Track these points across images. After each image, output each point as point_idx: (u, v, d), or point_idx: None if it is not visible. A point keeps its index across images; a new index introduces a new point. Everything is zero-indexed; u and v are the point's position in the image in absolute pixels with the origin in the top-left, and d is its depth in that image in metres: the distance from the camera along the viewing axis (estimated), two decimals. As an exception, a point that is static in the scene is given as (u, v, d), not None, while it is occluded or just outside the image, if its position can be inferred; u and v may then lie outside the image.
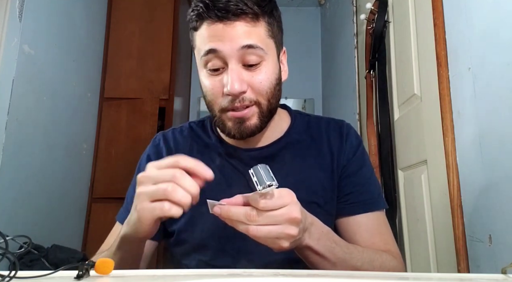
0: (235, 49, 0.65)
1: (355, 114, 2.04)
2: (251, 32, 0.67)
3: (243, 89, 0.66)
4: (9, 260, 0.39)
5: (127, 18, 2.58)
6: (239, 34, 0.66)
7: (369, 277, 0.52)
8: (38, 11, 1.80)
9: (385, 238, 0.75)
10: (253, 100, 0.68)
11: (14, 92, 1.62)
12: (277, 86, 0.72)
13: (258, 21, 0.68)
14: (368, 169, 0.79)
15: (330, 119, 0.84)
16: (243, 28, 0.66)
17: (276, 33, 0.72)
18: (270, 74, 0.69)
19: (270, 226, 0.52)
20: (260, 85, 0.68)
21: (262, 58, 0.68)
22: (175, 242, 0.78)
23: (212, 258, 0.74)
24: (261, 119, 0.70)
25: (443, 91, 1.06)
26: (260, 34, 0.68)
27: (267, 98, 0.70)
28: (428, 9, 1.17)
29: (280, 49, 0.75)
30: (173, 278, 0.48)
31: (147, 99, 2.47)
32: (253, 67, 0.68)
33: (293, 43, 3.30)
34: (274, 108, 0.73)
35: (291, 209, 0.52)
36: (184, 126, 0.86)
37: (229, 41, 0.66)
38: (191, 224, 0.76)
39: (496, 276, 0.49)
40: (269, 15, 0.70)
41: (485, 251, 0.88)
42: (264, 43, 0.68)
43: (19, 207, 1.67)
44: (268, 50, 0.69)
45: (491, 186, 0.86)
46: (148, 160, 0.81)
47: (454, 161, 1.01)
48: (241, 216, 0.52)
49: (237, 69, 0.66)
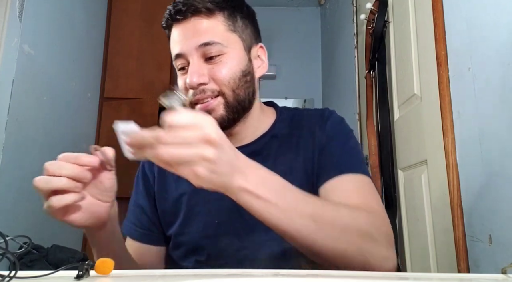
0: (193, 48, 0.70)
1: (355, 114, 2.04)
2: (207, 28, 0.71)
3: (200, 80, 0.70)
4: (9, 260, 0.39)
5: (127, 18, 2.58)
6: (196, 32, 0.71)
7: (369, 277, 0.52)
8: (38, 11, 1.80)
9: (364, 199, 0.67)
10: (216, 91, 0.71)
11: (14, 92, 1.62)
12: (243, 78, 0.73)
13: (214, 16, 0.72)
14: (349, 142, 0.77)
15: (314, 109, 0.84)
16: (199, 24, 0.71)
17: (241, 28, 0.75)
18: (233, 66, 0.72)
19: (182, 149, 0.47)
20: (220, 75, 0.71)
21: (222, 51, 0.71)
22: (173, 245, 0.80)
23: (208, 258, 0.74)
24: (228, 110, 0.72)
25: (443, 91, 1.06)
26: (217, 29, 0.71)
27: (231, 88, 0.71)
28: (428, 9, 1.17)
29: (251, 43, 0.77)
30: (173, 278, 0.48)
31: (147, 99, 2.47)
32: (214, 59, 0.71)
33: (293, 43, 3.30)
34: (243, 100, 0.74)
35: (204, 128, 0.48)
36: None
37: (188, 42, 0.71)
38: (185, 227, 0.77)
39: (496, 276, 0.49)
40: (229, 11, 0.73)
41: (485, 251, 0.88)
42: (223, 38, 0.71)
43: (19, 207, 1.67)
44: (230, 44, 0.72)
45: (491, 186, 0.86)
46: (143, 168, 0.86)
47: (454, 161, 1.01)
48: (150, 138, 0.47)
49: (197, 64, 0.70)
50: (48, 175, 0.53)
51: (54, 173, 0.53)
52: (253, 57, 0.77)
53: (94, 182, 0.58)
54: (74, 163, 0.54)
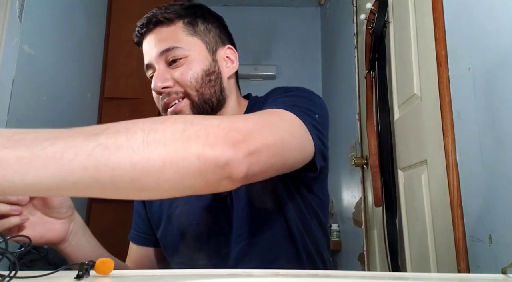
0: (156, 56, 0.75)
1: (355, 114, 2.04)
2: (167, 35, 0.75)
3: (164, 84, 0.73)
4: (9, 260, 0.39)
5: (127, 18, 2.58)
6: (158, 41, 0.75)
7: (369, 277, 0.52)
8: (38, 11, 1.80)
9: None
10: (180, 92, 0.74)
11: (14, 92, 1.62)
12: (206, 78, 0.75)
13: (173, 24, 0.76)
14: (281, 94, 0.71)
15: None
16: (160, 33, 0.75)
17: (203, 32, 0.78)
18: (194, 66, 0.74)
19: None
20: (181, 77, 0.73)
21: (183, 54, 0.74)
22: (162, 248, 0.83)
23: (189, 259, 0.76)
24: (194, 110, 0.74)
25: (443, 91, 1.06)
26: (177, 35, 0.75)
27: (195, 88, 0.73)
28: (428, 9, 1.17)
29: (216, 45, 0.79)
30: (173, 278, 0.48)
31: (147, 99, 2.46)
32: (177, 63, 0.74)
33: (293, 43, 3.30)
34: (210, 99, 0.75)
35: None
36: None
37: (152, 51, 0.75)
38: (166, 229, 0.80)
39: (496, 276, 0.49)
40: (189, 18, 0.77)
41: (485, 251, 0.88)
42: (183, 42, 0.75)
43: (19, 207, 1.67)
44: (191, 47, 0.75)
45: (491, 186, 0.86)
46: None
47: (454, 161, 1.01)
48: None
49: (160, 69, 0.74)
50: None
51: None
52: (220, 58, 0.80)
53: (42, 201, 0.60)
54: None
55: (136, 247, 0.85)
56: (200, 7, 0.81)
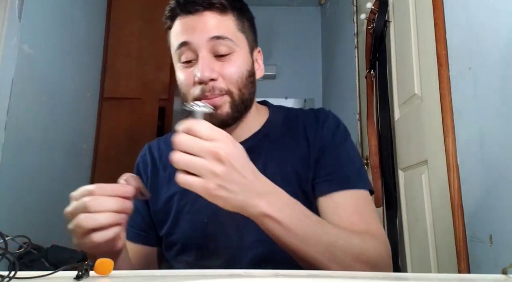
0: (205, 40, 0.69)
1: (355, 114, 2.03)
2: (220, 23, 0.70)
3: (212, 76, 0.69)
4: (8, 260, 0.39)
5: (127, 18, 2.58)
6: (208, 25, 0.69)
7: (369, 277, 0.52)
8: (38, 11, 1.80)
9: (366, 218, 0.69)
10: (224, 89, 0.70)
11: (14, 92, 1.62)
12: (249, 78, 0.74)
13: (226, 13, 0.71)
14: (347, 149, 0.77)
15: (310, 109, 0.84)
16: (212, 19, 0.70)
17: (247, 30, 0.75)
18: (241, 65, 0.72)
19: (193, 156, 0.49)
20: (230, 74, 0.70)
21: (232, 49, 0.71)
22: (165, 246, 0.80)
23: (197, 258, 0.74)
24: (233, 108, 0.72)
25: (444, 91, 1.06)
26: (229, 26, 0.71)
27: (238, 87, 0.71)
28: (428, 8, 1.17)
29: (253, 47, 0.78)
30: (173, 278, 0.48)
31: (146, 99, 2.47)
32: (224, 57, 0.70)
33: (293, 43, 3.30)
34: (247, 100, 0.74)
35: (218, 145, 0.50)
36: (168, 134, 0.87)
37: (199, 32, 0.69)
38: (174, 226, 0.78)
39: (497, 276, 0.49)
40: (238, 11, 0.73)
41: (486, 251, 0.88)
42: (234, 36, 0.71)
43: (18, 207, 1.67)
44: (239, 43, 0.72)
45: (492, 186, 0.86)
46: (137, 169, 0.87)
47: (454, 161, 1.01)
48: (176, 139, 0.51)
49: (208, 58, 0.69)
50: (90, 212, 0.52)
51: (97, 210, 0.52)
52: (254, 59, 0.78)
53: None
54: (113, 195, 0.54)
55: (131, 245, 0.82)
56: (243, 2, 0.77)
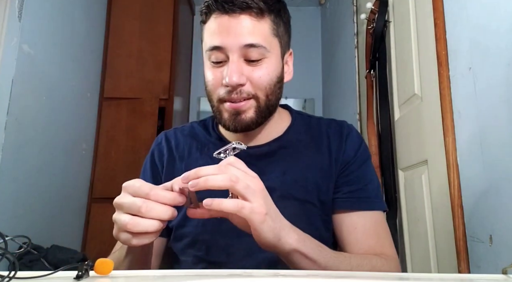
0: (238, 46, 0.68)
1: (355, 114, 2.03)
2: (255, 29, 0.68)
3: (241, 81, 0.68)
4: (8, 260, 0.39)
5: (127, 18, 2.58)
6: (243, 30, 0.68)
7: (369, 277, 0.52)
8: (37, 11, 1.80)
9: (382, 241, 0.73)
10: (251, 94, 0.70)
11: (14, 92, 1.62)
12: (277, 84, 0.73)
13: (263, 17, 0.70)
14: (369, 169, 0.79)
15: (332, 120, 0.84)
16: (247, 22, 0.68)
17: (282, 33, 0.74)
18: (271, 71, 0.71)
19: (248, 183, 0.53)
20: (259, 80, 0.70)
21: (263, 55, 0.69)
22: (174, 237, 0.79)
23: (206, 253, 0.74)
24: (258, 113, 0.71)
25: (444, 91, 1.06)
26: (264, 31, 0.70)
27: (266, 93, 0.71)
28: (428, 9, 1.17)
29: (285, 50, 0.77)
30: (173, 278, 0.48)
31: (147, 99, 2.47)
32: (254, 63, 0.69)
33: (293, 43, 3.27)
34: (272, 105, 0.73)
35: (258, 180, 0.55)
36: (186, 125, 0.87)
37: (233, 37, 0.68)
38: (186, 219, 0.76)
39: (497, 276, 0.49)
40: (275, 14, 0.72)
41: (486, 252, 0.88)
42: (267, 41, 0.70)
43: (18, 207, 1.67)
44: (271, 49, 0.71)
45: (492, 186, 0.86)
46: (152, 157, 0.84)
47: (454, 161, 1.01)
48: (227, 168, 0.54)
49: (238, 62, 0.68)
50: (139, 215, 0.52)
51: (146, 215, 0.52)
52: (284, 62, 0.77)
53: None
54: (165, 203, 0.53)
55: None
56: (282, 3, 0.75)
